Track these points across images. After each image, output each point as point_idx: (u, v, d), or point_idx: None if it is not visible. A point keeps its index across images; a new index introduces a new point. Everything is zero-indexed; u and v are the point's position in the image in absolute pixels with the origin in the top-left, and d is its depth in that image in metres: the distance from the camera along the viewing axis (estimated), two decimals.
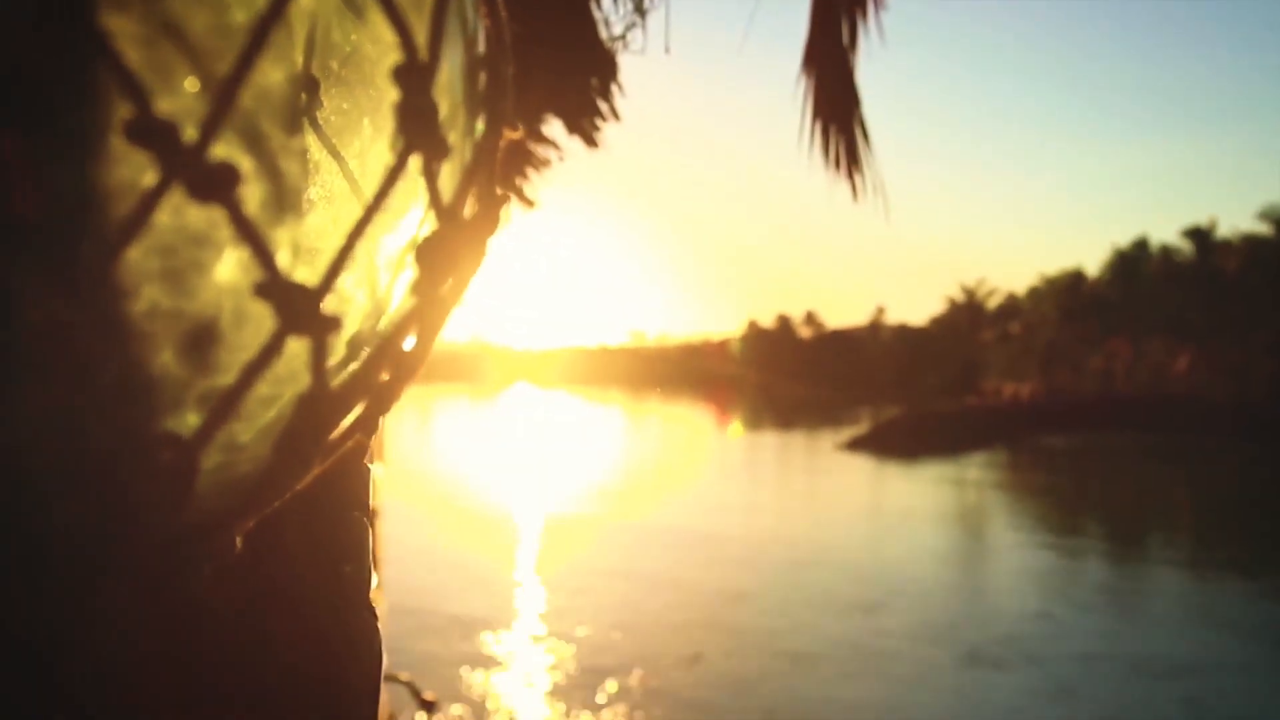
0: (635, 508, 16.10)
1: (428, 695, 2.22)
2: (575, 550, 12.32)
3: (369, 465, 0.86)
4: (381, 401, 0.40)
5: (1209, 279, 52.12)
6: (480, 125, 0.41)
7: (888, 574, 11.06)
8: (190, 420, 0.34)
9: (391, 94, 0.36)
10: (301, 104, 0.37)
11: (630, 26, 1.73)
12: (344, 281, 0.41)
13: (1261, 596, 10.64)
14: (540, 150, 2.59)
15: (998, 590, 10.84)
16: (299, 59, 0.37)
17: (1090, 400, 44.43)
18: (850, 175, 2.12)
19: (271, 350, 0.33)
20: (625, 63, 1.98)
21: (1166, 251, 57.33)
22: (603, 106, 2.10)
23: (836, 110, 2.10)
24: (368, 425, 0.41)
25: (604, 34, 1.84)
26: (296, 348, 0.35)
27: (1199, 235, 54.95)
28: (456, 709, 6.52)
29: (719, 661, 7.61)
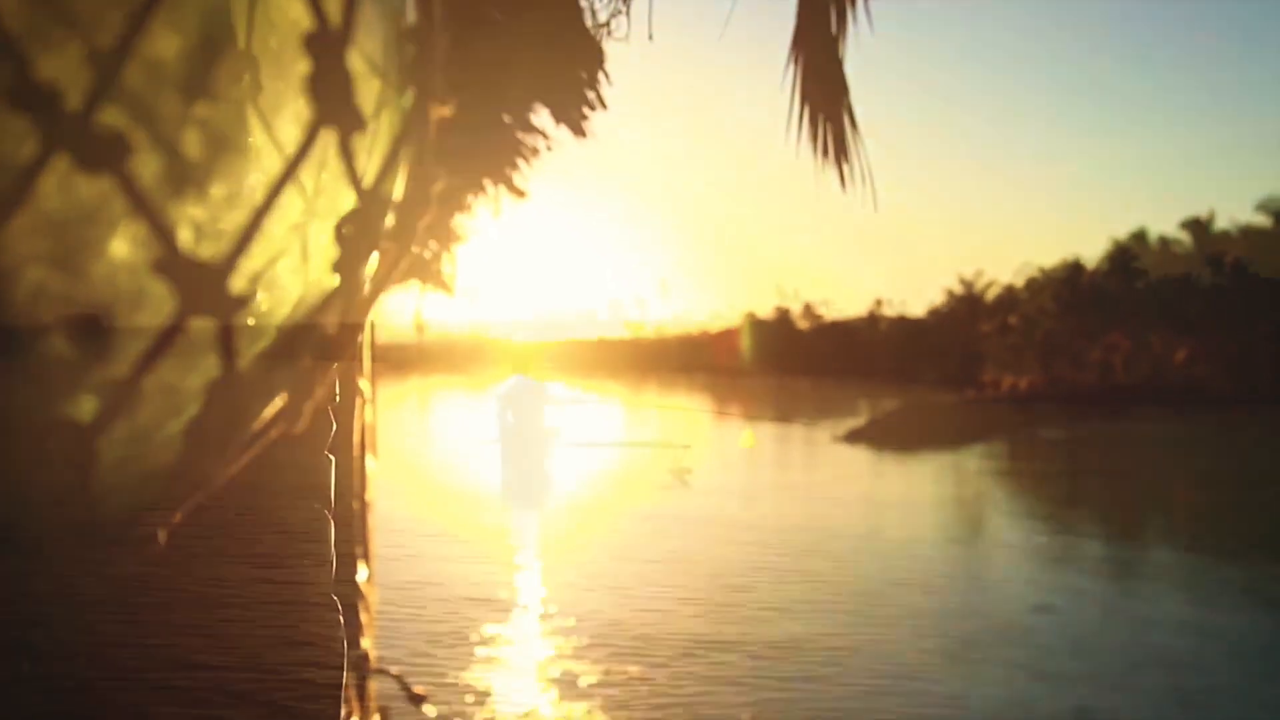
0: (635, 497, 16.13)
1: (417, 689, 2.22)
2: (575, 538, 12.35)
3: (330, 456, 0.84)
4: (304, 389, 0.38)
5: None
6: (407, 99, 0.38)
7: (884, 567, 11.06)
8: (87, 406, 0.32)
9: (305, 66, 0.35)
10: (245, 84, 0.35)
11: (614, 14, 1.71)
12: (279, 266, 0.40)
13: (1262, 587, 10.65)
14: (529, 140, 2.57)
15: (996, 581, 10.84)
16: (239, 37, 0.35)
17: (1089, 392, 44.44)
18: (838, 164, 2.09)
19: (173, 332, 0.31)
20: (623, 53, 1.96)
21: (1165, 243, 57.30)
22: (590, 96, 2.08)
23: (824, 99, 2.08)
24: (291, 415, 0.39)
25: (589, 22, 1.82)
26: (206, 331, 0.34)
27: (1197, 227, 54.91)
28: (465, 698, 6.53)
29: (712, 652, 7.61)
